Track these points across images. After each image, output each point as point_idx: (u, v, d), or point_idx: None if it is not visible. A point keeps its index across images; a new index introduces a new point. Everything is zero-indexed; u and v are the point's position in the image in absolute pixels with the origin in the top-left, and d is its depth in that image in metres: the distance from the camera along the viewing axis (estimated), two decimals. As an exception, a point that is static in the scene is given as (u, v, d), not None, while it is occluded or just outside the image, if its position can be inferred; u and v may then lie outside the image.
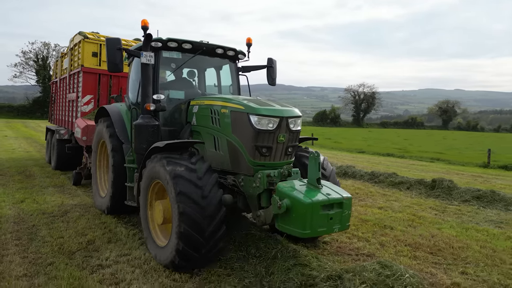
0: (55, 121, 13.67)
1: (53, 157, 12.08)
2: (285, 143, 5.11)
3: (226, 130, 5.23)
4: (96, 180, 7.83)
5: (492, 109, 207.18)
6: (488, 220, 7.76)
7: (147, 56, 5.60)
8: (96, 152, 7.83)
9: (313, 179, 4.62)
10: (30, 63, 55.96)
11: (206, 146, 5.65)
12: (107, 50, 5.66)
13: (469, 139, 46.22)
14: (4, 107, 54.59)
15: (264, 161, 5.03)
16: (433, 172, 15.10)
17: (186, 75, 7.15)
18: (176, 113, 6.32)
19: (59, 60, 13.54)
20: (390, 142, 34.47)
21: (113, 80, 10.51)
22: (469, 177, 14.12)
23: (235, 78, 7.10)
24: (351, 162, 17.01)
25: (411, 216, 7.87)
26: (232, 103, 5.21)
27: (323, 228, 4.41)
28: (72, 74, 11.16)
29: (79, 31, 10.63)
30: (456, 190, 9.91)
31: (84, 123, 9.25)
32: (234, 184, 5.27)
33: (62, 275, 4.49)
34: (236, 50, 6.81)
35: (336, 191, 4.66)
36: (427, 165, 18.05)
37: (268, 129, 4.90)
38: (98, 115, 7.70)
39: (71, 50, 11.29)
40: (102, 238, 5.87)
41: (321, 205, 4.33)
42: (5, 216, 6.70)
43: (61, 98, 12.85)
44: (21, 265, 4.80)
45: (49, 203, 7.84)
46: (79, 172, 9.84)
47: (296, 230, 4.36)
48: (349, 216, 4.66)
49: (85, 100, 10.20)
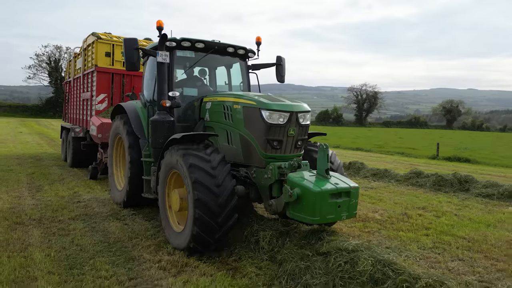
0: (70, 120, 13.97)
1: (69, 154, 12.41)
2: (295, 136, 5.35)
3: (238, 124, 5.46)
4: (113, 174, 8.12)
5: (505, 108, 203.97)
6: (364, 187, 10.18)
7: (162, 55, 5.80)
8: (113, 147, 8.11)
9: (322, 169, 4.85)
10: (43, 65, 59.03)
11: (219, 141, 5.87)
12: (125, 49, 5.90)
13: (452, 136, 47.88)
14: (19, 106, 58.23)
15: (275, 154, 5.26)
16: (375, 161, 17.11)
17: (197, 73, 7.37)
18: (189, 110, 6.54)
19: (72, 61, 13.85)
20: (376, 139, 34.46)
21: (125, 79, 10.80)
22: (398, 163, 16.65)
23: (246, 76, 7.30)
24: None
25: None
26: (244, 99, 5.44)
27: (332, 215, 4.65)
28: (86, 74, 11.44)
29: (92, 32, 10.96)
30: (363, 169, 12.61)
31: (99, 121, 9.52)
32: (246, 176, 5.52)
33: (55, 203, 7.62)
34: (246, 48, 7.01)
35: (344, 181, 4.91)
36: (383, 157, 20.11)
37: (279, 123, 5.14)
38: (114, 112, 7.97)
39: (85, 50, 11.57)
40: (84, 190, 8.94)
41: (329, 193, 4.57)
42: (21, 180, 10.07)
43: (75, 98, 13.16)
44: (32, 199, 8.02)
45: (52, 174, 10.98)
46: (95, 167, 10.24)
47: (307, 217, 4.60)
48: (356, 204, 4.90)
49: (99, 99, 10.48)
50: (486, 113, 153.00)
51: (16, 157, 14.08)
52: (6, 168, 11.63)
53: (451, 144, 30.61)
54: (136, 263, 4.79)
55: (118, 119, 7.62)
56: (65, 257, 4.87)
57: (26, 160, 13.47)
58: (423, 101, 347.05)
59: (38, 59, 58.78)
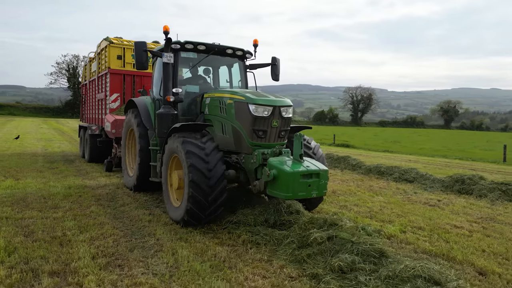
0: (86, 120, 14.88)
1: (86, 151, 13.16)
2: (278, 127, 6.06)
3: (231, 117, 6.16)
4: (125, 162, 8.92)
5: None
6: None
7: (167, 57, 6.48)
8: (126, 138, 8.93)
9: (296, 154, 5.54)
10: (63, 72, 65.05)
11: (215, 131, 6.59)
12: (136, 51, 6.60)
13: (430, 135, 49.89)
14: (42, 108, 65.32)
15: (261, 142, 5.98)
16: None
17: (202, 72, 7.97)
18: (192, 105, 7.23)
19: (88, 65, 14.82)
20: (359, 137, 37.34)
21: (136, 79, 11.60)
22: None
23: (243, 75, 7.91)
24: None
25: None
26: (236, 95, 6.14)
27: (303, 193, 5.29)
28: (100, 76, 12.32)
29: (106, 36, 11.82)
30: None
31: (112, 118, 10.31)
32: (237, 162, 6.23)
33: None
34: (244, 50, 7.60)
35: (315, 164, 5.56)
36: (336, 149, 21.83)
37: (263, 115, 5.85)
38: (127, 106, 8.73)
39: (99, 54, 12.45)
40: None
41: (301, 174, 5.22)
42: (39, 154, 14.15)
43: (91, 98, 14.07)
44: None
45: (59, 152, 15.36)
46: (110, 160, 11.02)
47: (281, 193, 5.27)
48: (326, 184, 5.53)
49: (112, 98, 11.28)
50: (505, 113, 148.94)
51: (36, 140, 20.58)
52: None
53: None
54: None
55: (130, 113, 8.42)
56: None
57: (43, 142, 19.58)
58: (442, 101, 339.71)
59: (59, 67, 65.02)
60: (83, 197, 7.55)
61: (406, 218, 6.83)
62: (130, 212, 6.60)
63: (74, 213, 6.35)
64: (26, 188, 8.13)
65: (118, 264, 4.35)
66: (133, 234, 5.42)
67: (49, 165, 11.64)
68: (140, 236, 5.34)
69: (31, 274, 4.00)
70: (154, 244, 5.02)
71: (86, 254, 4.56)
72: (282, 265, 4.44)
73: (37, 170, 10.64)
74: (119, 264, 4.37)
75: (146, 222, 6.01)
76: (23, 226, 5.58)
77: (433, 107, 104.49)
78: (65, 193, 7.82)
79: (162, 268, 4.27)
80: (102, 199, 7.46)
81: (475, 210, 7.65)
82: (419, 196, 8.88)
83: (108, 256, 4.55)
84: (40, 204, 6.86)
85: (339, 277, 4.02)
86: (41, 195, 7.57)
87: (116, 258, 4.51)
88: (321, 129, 47.95)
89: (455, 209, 7.68)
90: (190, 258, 4.56)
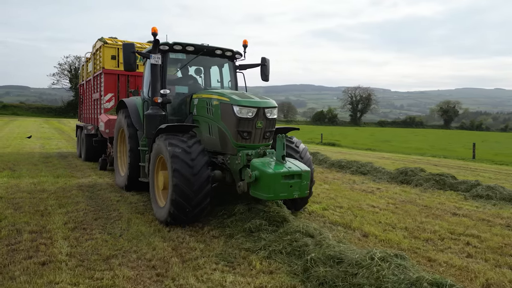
0: (84, 119, 15.09)
1: (83, 150, 13.33)
2: (263, 128, 6.06)
3: (217, 118, 6.20)
4: (117, 162, 9.05)
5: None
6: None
7: (155, 58, 6.55)
8: (117, 138, 9.02)
9: (279, 155, 5.59)
10: (65, 73, 67.01)
11: (202, 132, 6.66)
12: (124, 53, 6.61)
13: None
14: (45, 108, 66.75)
15: (245, 143, 6.00)
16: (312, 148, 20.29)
17: (193, 72, 8.06)
18: (182, 105, 7.27)
19: (85, 65, 15.00)
20: (353, 136, 38.59)
21: (130, 79, 11.74)
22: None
23: (233, 75, 7.97)
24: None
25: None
26: (222, 96, 6.17)
27: (285, 194, 5.38)
28: (95, 76, 12.52)
29: (101, 37, 12.04)
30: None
31: (106, 118, 10.48)
32: (223, 162, 6.30)
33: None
34: (233, 51, 7.62)
35: (297, 165, 5.60)
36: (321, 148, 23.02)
37: (248, 117, 5.86)
38: (118, 107, 8.82)
39: (94, 55, 12.67)
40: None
41: (282, 175, 5.29)
42: (36, 151, 15.49)
43: (87, 98, 14.35)
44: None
45: (56, 149, 16.71)
46: (104, 159, 11.38)
47: (263, 194, 5.35)
48: (307, 185, 5.65)
49: (107, 98, 11.41)
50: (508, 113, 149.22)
51: (36, 138, 21.75)
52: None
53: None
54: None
55: (121, 114, 8.47)
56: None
57: (42, 140, 20.43)
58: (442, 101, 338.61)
59: (61, 68, 66.98)
60: (67, 184, 8.89)
61: (335, 200, 8.12)
62: (104, 195, 7.93)
63: (58, 195, 7.68)
64: (20, 177, 9.48)
65: (83, 227, 5.68)
66: (101, 210, 6.74)
67: (43, 160, 12.99)
68: (106, 211, 6.67)
69: (15, 232, 5.34)
70: (115, 216, 6.35)
71: (60, 221, 5.90)
72: (210, 229, 5.73)
73: (32, 163, 11.98)
74: (84, 227, 5.69)
75: (115, 202, 7.33)
76: (14, 203, 6.93)
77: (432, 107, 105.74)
78: (53, 181, 9.15)
79: (116, 230, 5.59)
80: (84, 186, 8.79)
81: (402, 195, 8.91)
82: (364, 185, 10.16)
83: (77, 223, 5.88)
84: (30, 188, 8.21)
85: (248, 235, 5.32)
86: (32, 182, 8.92)
87: (83, 224, 5.84)
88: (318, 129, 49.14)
89: (384, 194, 8.96)
90: (140, 225, 5.87)
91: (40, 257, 4.49)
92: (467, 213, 7.36)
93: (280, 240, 4.94)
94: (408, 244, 5.41)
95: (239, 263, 4.53)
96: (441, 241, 5.60)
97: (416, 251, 5.14)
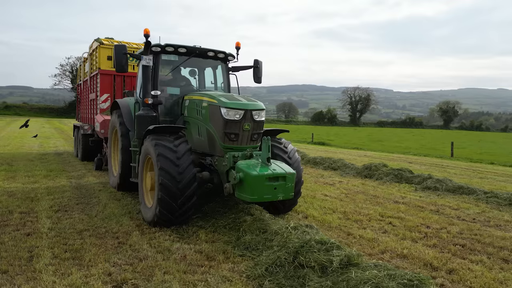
0: (81, 119, 15.27)
1: (79, 150, 13.56)
2: (250, 131, 6.08)
3: (205, 120, 6.28)
4: (111, 162, 9.14)
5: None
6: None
7: (146, 59, 6.61)
8: (111, 139, 9.10)
9: (264, 158, 5.66)
10: (66, 74, 68.22)
11: (192, 133, 6.72)
12: (115, 54, 6.62)
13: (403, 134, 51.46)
14: (47, 108, 68.20)
15: (233, 145, 6.04)
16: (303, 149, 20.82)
17: (187, 73, 8.09)
18: (174, 107, 7.30)
19: (82, 65, 15.26)
20: (348, 136, 39.96)
21: (126, 80, 11.83)
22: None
23: (226, 77, 8.00)
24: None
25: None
26: (211, 98, 6.23)
27: (269, 196, 5.42)
28: (92, 77, 12.71)
29: (97, 37, 12.10)
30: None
31: (102, 118, 10.67)
32: (211, 164, 6.39)
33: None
34: (225, 52, 7.65)
35: (282, 168, 5.65)
36: (309, 146, 23.45)
37: (235, 119, 5.89)
38: (112, 107, 8.91)
39: (90, 55, 12.86)
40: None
41: (266, 177, 5.34)
42: (34, 149, 16.43)
43: (84, 99, 14.51)
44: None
45: (53, 148, 17.47)
46: (100, 158, 11.60)
47: (247, 196, 5.41)
48: (293, 187, 5.71)
49: (103, 98, 11.58)
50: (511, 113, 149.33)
51: (36, 139, 22.06)
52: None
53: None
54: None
55: (114, 114, 8.58)
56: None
57: (41, 139, 20.90)
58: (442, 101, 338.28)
59: (63, 69, 68.42)
60: (59, 177, 9.93)
61: (295, 190, 9.07)
62: (89, 185, 8.97)
63: (48, 185, 8.72)
64: (16, 171, 10.52)
65: (65, 210, 6.71)
66: (84, 197, 7.77)
67: (40, 157, 14.02)
68: (88, 198, 7.69)
69: (8, 212, 6.38)
70: (95, 202, 7.37)
71: (46, 205, 6.93)
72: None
73: (29, 160, 13.03)
74: (65, 210, 6.72)
75: (97, 191, 8.35)
76: (8, 191, 7.97)
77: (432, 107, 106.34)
78: (45, 174, 10.20)
79: (93, 212, 6.61)
80: (73, 178, 9.83)
81: (359, 187, 9.89)
82: (329, 179, 11.14)
83: (61, 206, 6.91)
84: (24, 180, 9.26)
85: (204, 216, 6.32)
86: (26, 175, 9.97)
87: (65, 208, 6.86)
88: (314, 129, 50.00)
89: (343, 186, 9.95)
90: (115, 209, 6.88)
91: (26, 230, 5.52)
92: (408, 201, 8.34)
93: (226, 218, 5.94)
94: (338, 223, 6.41)
95: (188, 236, 5.54)
96: (368, 222, 6.60)
97: (341, 228, 6.14)
